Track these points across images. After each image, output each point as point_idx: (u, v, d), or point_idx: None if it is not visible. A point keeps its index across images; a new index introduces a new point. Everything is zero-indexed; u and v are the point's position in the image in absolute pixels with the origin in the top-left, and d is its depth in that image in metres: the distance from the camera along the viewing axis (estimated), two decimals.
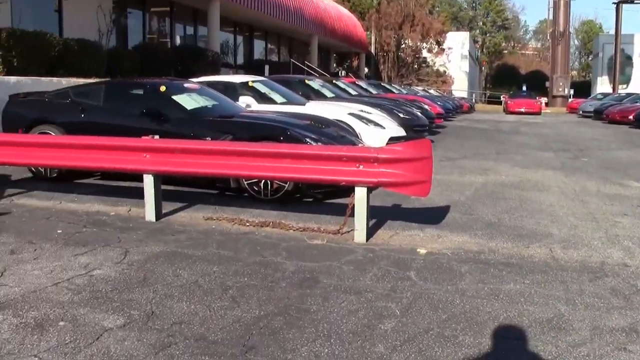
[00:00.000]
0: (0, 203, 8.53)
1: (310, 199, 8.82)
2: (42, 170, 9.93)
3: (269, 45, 37.99)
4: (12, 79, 12.51)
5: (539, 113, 43.98)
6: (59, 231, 7.17)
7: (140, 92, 10.11)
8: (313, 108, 12.55)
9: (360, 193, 6.83)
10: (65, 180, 9.86)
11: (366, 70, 52.57)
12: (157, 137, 7.72)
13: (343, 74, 42.43)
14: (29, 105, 10.55)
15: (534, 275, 5.85)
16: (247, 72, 25.77)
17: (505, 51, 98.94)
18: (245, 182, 8.54)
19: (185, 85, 10.45)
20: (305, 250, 6.53)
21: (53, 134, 9.62)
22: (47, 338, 4.36)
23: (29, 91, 11.47)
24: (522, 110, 43.85)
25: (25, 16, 16.66)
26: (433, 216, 8.06)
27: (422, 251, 6.55)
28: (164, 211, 7.86)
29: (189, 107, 9.46)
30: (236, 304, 5.01)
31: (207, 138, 8.42)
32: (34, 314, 4.78)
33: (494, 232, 7.40)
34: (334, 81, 20.32)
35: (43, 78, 13.43)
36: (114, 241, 6.76)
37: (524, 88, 59.16)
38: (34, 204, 8.51)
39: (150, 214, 7.62)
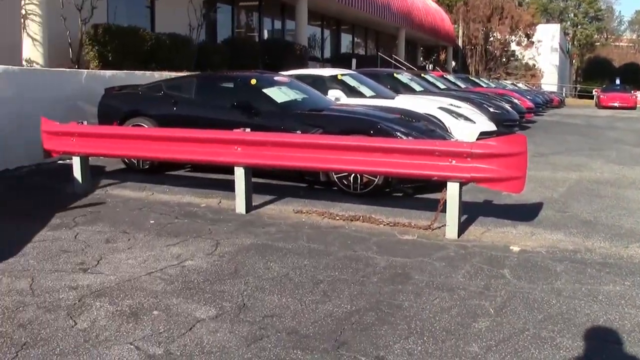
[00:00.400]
0: (95, 193, 8.76)
1: (400, 194, 8.71)
2: (135, 162, 10.15)
3: (355, 39, 37.89)
4: (108, 72, 12.81)
5: (634, 107, 42.24)
6: (151, 222, 7.30)
7: (231, 85, 10.21)
8: (402, 102, 12.42)
9: (452, 188, 6.70)
10: (157, 172, 10.06)
11: (453, 63, 51.92)
12: (248, 130, 7.75)
13: (430, 68, 41.98)
14: (124, 98, 10.79)
15: (634, 276, 5.60)
16: (334, 66, 25.74)
17: (598, 43, 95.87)
18: (335, 176, 8.50)
19: (276, 78, 10.48)
20: (396, 245, 6.45)
21: (146, 126, 9.80)
22: (141, 326, 4.42)
23: (123, 84, 11.72)
24: (616, 104, 42.18)
25: (119, 12, 17.08)
26: (526, 213, 7.84)
27: (516, 249, 6.37)
28: (253, 204, 7.90)
29: (279, 101, 9.48)
30: (327, 298, 4.98)
31: (297, 131, 8.42)
32: (128, 302, 4.86)
33: (590, 231, 7.13)
34: (422, 75, 20.09)
35: (136, 72, 13.71)
36: (205, 232, 6.83)
37: (618, 81, 56.94)
38: (128, 195, 8.70)
39: (240, 206, 7.67)
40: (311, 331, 4.36)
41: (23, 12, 12.72)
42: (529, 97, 27.43)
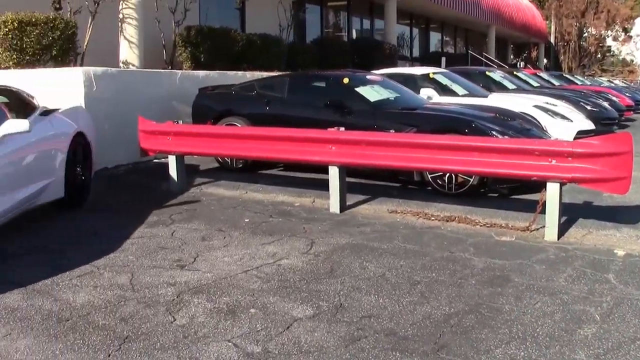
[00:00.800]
0: (190, 192, 8.90)
1: (496, 194, 8.52)
2: (229, 160, 10.26)
3: (444, 37, 37.49)
4: (201, 73, 13.02)
5: None
6: (246, 220, 7.36)
7: (324, 84, 10.21)
8: (496, 100, 12.18)
9: (552, 189, 6.50)
10: (250, 170, 10.13)
11: (545, 61, 50.71)
12: (342, 129, 7.72)
13: (522, 65, 41.11)
14: (217, 98, 10.94)
15: None
16: (423, 65, 25.52)
17: None
18: (429, 176, 8.38)
19: (368, 77, 10.43)
20: (493, 246, 6.30)
21: (239, 125, 9.89)
22: (239, 324, 4.45)
23: (216, 84, 11.88)
24: None
25: (210, 14, 17.37)
26: (630, 215, 7.50)
27: (620, 252, 6.12)
28: (347, 203, 7.87)
29: (372, 99, 9.42)
30: (425, 299, 4.89)
31: (390, 130, 8.33)
32: (226, 299, 4.90)
33: None
34: (514, 72, 19.68)
35: (228, 72, 13.90)
36: (300, 231, 6.84)
37: None
38: (222, 193, 8.81)
39: (334, 205, 7.65)
40: (410, 333, 4.29)
41: (120, 16, 13.06)
42: (627, 94, 26.43)
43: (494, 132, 8.27)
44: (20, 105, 7.47)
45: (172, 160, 8.92)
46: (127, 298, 4.93)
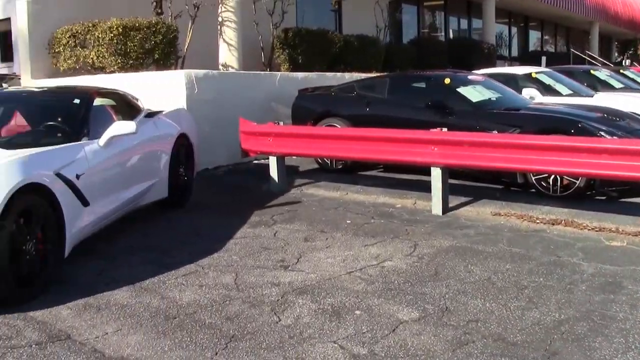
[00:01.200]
0: (291, 192, 8.96)
1: (603, 197, 8.22)
2: (328, 162, 10.27)
3: (544, 36, 36.60)
4: (300, 74, 13.11)
5: None
6: (347, 221, 7.35)
7: (425, 84, 10.10)
8: (603, 100, 11.76)
9: None
10: (350, 172, 10.11)
11: None
12: (445, 129, 7.61)
13: (627, 63, 39.66)
14: (316, 99, 10.98)
15: None
16: (522, 64, 25.01)
17: None
18: (534, 177, 8.16)
19: (470, 77, 10.25)
20: (603, 251, 6.08)
21: (339, 126, 9.89)
22: (344, 325, 4.44)
23: (316, 86, 11.93)
24: None
25: (307, 16, 17.49)
26: None
27: None
28: (449, 205, 7.76)
29: (474, 100, 9.25)
30: (534, 305, 4.76)
31: (493, 131, 8.17)
32: (330, 300, 4.90)
33: None
34: (621, 71, 18.98)
35: (327, 73, 13.95)
36: (402, 233, 6.78)
37: None
38: (322, 194, 8.83)
39: (437, 207, 7.56)
40: (519, 339, 4.19)
41: (219, 19, 13.29)
42: None
43: (601, 133, 7.98)
44: (126, 107, 7.70)
45: (272, 161, 9.00)
46: (232, 297, 5.00)
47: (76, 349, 4.12)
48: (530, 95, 11.16)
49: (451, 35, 26.77)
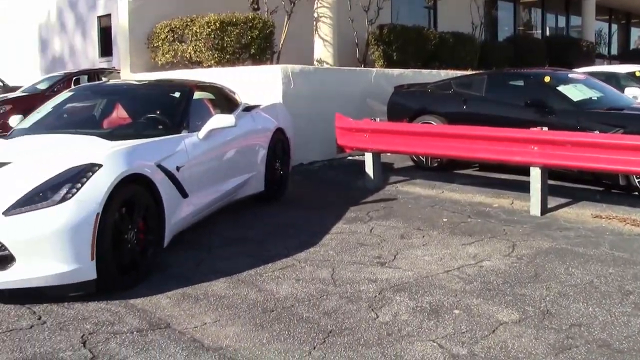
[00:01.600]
0: (386, 189, 8.95)
1: None
2: (424, 159, 10.22)
3: None
4: (395, 71, 13.08)
5: None
6: (444, 220, 7.29)
7: (523, 83, 9.91)
8: None
9: None
10: (445, 170, 10.03)
11: None
12: (545, 128, 7.46)
13: None
14: (413, 96, 10.93)
15: None
16: (621, 63, 24.24)
17: None
18: (637, 180, 7.91)
19: (570, 75, 10.01)
20: None
21: (435, 124, 9.82)
22: (443, 324, 4.40)
23: (411, 83, 11.88)
24: None
25: (401, 13, 17.43)
26: None
27: None
28: (548, 205, 7.60)
29: (574, 99, 9.03)
30: (639, 311, 4.61)
31: (595, 131, 7.96)
32: (428, 299, 4.87)
33: None
34: None
35: (422, 70, 13.88)
36: (500, 233, 6.69)
37: None
38: (418, 192, 8.79)
39: (535, 207, 7.42)
40: (625, 346, 4.06)
41: (315, 15, 13.39)
42: None
43: None
44: (224, 101, 7.82)
45: (368, 158, 9.01)
46: (329, 292, 5.01)
47: (175, 338, 4.20)
48: (634, 94, 10.83)
49: (547, 33, 26.19)
